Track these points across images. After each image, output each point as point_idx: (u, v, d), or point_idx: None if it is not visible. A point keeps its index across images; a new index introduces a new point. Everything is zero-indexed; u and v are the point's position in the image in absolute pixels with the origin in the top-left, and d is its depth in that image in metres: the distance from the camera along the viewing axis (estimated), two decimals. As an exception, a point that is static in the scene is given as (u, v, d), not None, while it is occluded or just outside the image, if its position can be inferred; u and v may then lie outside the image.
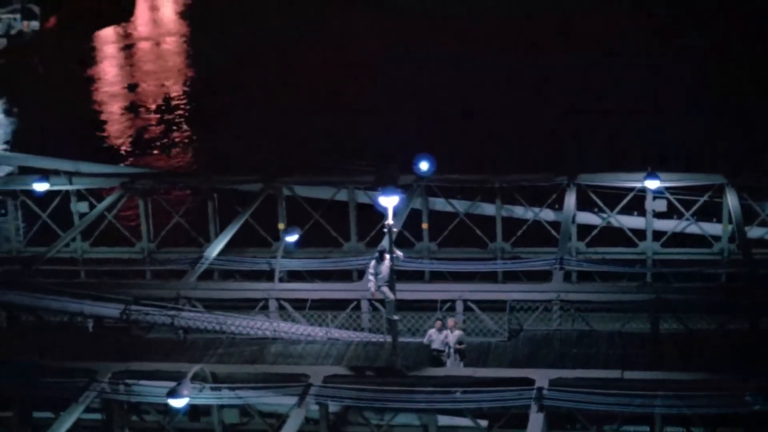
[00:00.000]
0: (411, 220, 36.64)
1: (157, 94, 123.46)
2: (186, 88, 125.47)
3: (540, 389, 24.40)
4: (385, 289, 27.00)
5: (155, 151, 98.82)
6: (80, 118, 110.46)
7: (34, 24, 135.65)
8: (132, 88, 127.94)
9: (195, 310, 30.30)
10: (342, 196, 37.27)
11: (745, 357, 26.47)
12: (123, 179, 37.88)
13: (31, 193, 37.72)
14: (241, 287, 31.58)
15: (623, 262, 34.05)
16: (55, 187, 37.45)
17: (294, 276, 33.27)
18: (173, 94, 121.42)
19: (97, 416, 27.15)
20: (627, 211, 35.50)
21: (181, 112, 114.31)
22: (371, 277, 27.43)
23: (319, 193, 37.63)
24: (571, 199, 34.42)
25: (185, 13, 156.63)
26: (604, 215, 35.64)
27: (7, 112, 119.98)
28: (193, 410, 27.29)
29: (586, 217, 36.02)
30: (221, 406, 26.49)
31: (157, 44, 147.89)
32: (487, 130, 72.06)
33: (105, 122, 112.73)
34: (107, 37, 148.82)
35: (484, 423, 25.83)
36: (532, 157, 54.97)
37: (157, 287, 31.92)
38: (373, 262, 27.50)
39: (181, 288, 31.03)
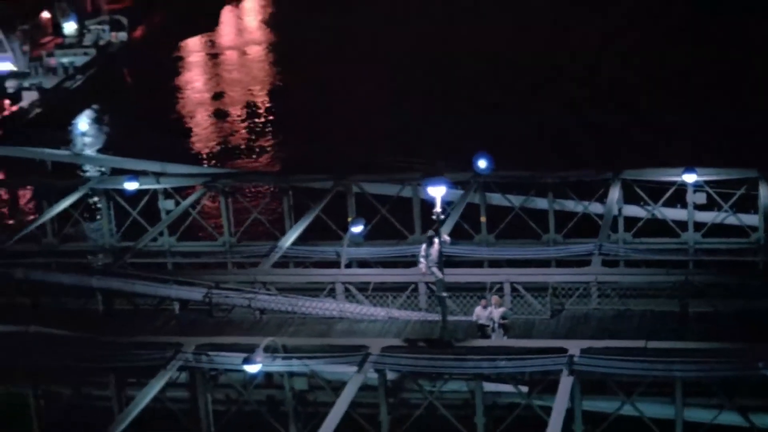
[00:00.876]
0: (470, 213, 40.71)
1: (242, 101, 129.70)
2: (270, 95, 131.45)
3: (571, 356, 28.25)
4: (435, 269, 31.13)
5: (240, 155, 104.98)
6: (169, 125, 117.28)
7: (122, 35, 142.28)
8: (218, 95, 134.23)
9: (270, 293, 34.76)
10: (407, 192, 41.49)
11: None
12: (205, 179, 42.59)
13: (122, 192, 42.59)
14: (311, 273, 36.01)
15: (665, 251, 37.66)
16: (144, 187, 42.32)
17: (359, 263, 37.54)
18: (258, 101, 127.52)
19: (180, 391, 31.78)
20: (669, 203, 39.06)
21: (265, 117, 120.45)
22: (422, 259, 31.65)
23: (385, 189, 41.86)
24: (614, 193, 38.21)
25: (269, 22, 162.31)
26: (649, 208, 39.30)
27: (99, 120, 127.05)
28: (267, 380, 31.75)
29: (633, 210, 39.71)
30: (291, 375, 30.74)
31: (243, 53, 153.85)
32: (538, 126, 77.01)
33: (192, 128, 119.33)
34: (193, 46, 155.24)
35: (524, 389, 29.71)
36: (582, 152, 58.99)
37: (236, 274, 36.48)
38: (423, 246, 31.71)
39: (258, 274, 35.57)
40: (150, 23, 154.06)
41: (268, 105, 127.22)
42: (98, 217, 43.32)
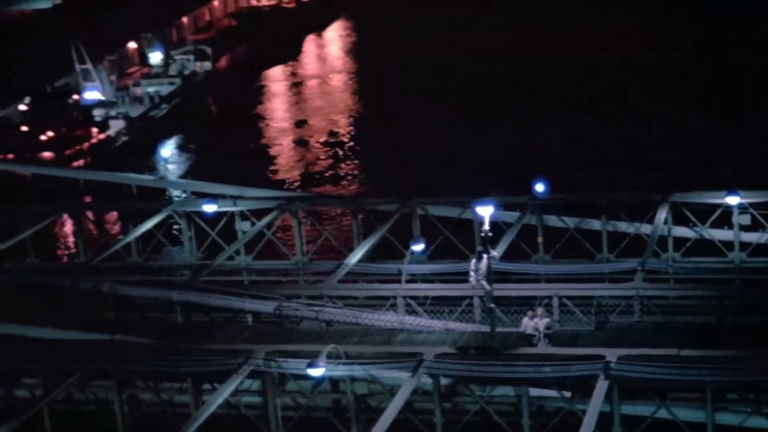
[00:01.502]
0: (528, 234, 43.87)
1: (324, 129, 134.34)
2: (351, 122, 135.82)
3: (608, 363, 31.24)
4: (483, 282, 34.37)
5: (322, 180, 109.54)
6: (252, 152, 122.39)
7: (207, 64, 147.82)
8: (300, 123, 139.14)
9: (336, 306, 38.28)
10: (468, 214, 44.79)
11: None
12: (279, 201, 46.36)
13: (202, 214, 46.50)
14: (374, 287, 39.48)
15: (710, 270, 40.41)
16: (222, 209, 46.24)
17: (419, 279, 40.93)
18: (339, 128, 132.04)
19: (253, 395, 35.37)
20: (716, 225, 41.82)
21: (346, 143, 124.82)
22: (472, 273, 34.92)
23: (448, 211, 45.21)
24: (661, 215, 41.08)
25: (351, 51, 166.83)
26: (697, 229, 42.08)
27: (184, 147, 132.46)
28: (332, 386, 35.17)
29: (682, 231, 42.52)
30: (352, 379, 34.12)
31: (325, 81, 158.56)
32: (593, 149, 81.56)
33: (275, 155, 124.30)
34: (276, 75, 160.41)
35: (567, 394, 32.72)
36: (635, 174, 62.30)
37: (304, 288, 40.10)
38: (473, 261, 34.99)
39: (325, 289, 39.14)
40: (234, 53, 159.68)
41: (349, 132, 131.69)
42: (180, 237, 47.18)
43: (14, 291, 41.89)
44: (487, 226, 32.96)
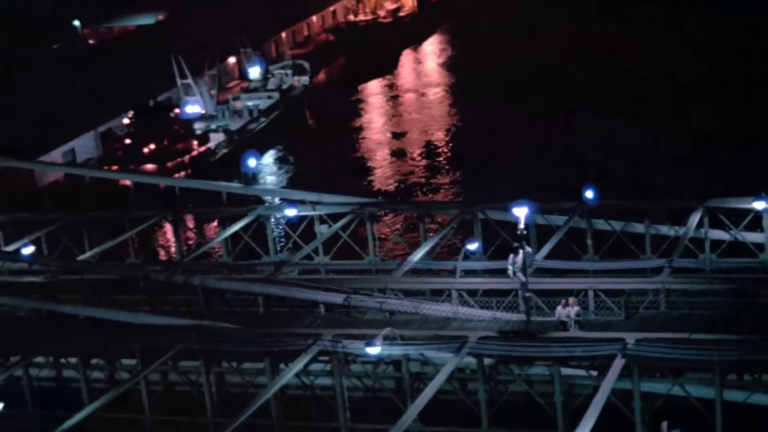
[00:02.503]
0: (578, 237, 49.80)
1: (420, 141, 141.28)
2: (448, 134, 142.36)
3: (625, 344, 37.08)
4: (519, 274, 40.49)
5: (418, 191, 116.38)
6: (349, 163, 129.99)
7: (305, 79, 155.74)
8: (397, 135, 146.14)
9: (398, 297, 44.75)
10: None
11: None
12: (354, 206, 53.04)
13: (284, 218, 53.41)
14: (432, 281, 45.88)
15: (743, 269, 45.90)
16: (302, 213, 53.08)
17: (472, 274, 47.19)
18: (436, 140, 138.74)
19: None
20: (750, 228, 47.25)
21: (443, 155, 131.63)
22: (509, 266, 41.12)
23: (505, 216, 51.32)
24: (694, 219, 46.76)
25: (448, 65, 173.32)
26: (732, 232, 47.61)
27: (282, 159, 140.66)
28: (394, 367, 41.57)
29: (719, 234, 48.07)
30: (407, 359, 40.47)
31: (421, 95, 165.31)
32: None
33: (372, 167, 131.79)
34: (373, 89, 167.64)
35: (594, 373, 38.59)
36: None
37: (370, 282, 46.66)
38: (511, 256, 41.19)
39: (388, 282, 45.68)
40: (332, 67, 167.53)
41: (445, 144, 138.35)
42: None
43: (118, 284, 49.32)
44: (522, 225, 39.10)
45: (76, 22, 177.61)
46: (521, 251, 40.30)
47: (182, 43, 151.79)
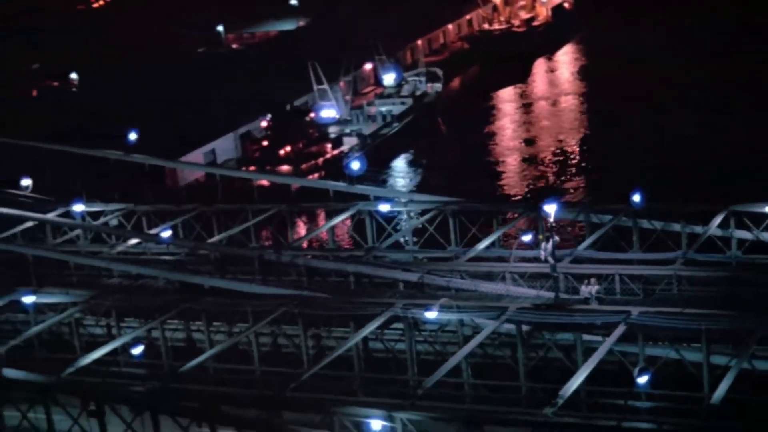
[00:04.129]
0: (625, 235, 62.19)
1: (552, 148, 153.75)
2: (580, 142, 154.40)
3: (629, 314, 49.30)
4: (549, 258, 53.15)
5: (546, 196, 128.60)
6: (480, 168, 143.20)
7: (437, 86, 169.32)
8: (528, 142, 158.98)
9: (462, 278, 57.84)
10: (581, 217, 63.45)
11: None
12: (438, 204, 66.28)
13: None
14: (491, 265, 58.92)
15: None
16: (395, 209, 66.52)
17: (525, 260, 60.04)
18: (567, 147, 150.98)
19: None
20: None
21: (574, 162, 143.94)
22: (542, 251, 53.89)
23: (563, 215, 63.94)
24: (716, 220, 58.74)
25: (581, 74, 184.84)
26: (754, 232, 59.42)
27: (414, 163, 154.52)
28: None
29: (745, 234, 59.85)
30: (461, 324, 53.46)
31: (554, 103, 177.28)
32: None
33: (503, 172, 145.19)
34: (506, 96, 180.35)
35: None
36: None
37: (442, 265, 59.86)
38: (543, 244, 53.92)
39: (455, 266, 58.84)
40: (466, 75, 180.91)
41: (577, 151, 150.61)
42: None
43: (238, 259, 63.76)
44: (552, 219, 51.84)
45: (220, 27, 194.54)
46: (551, 240, 52.98)
47: (320, 49, 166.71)
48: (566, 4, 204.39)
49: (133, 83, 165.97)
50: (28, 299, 58.35)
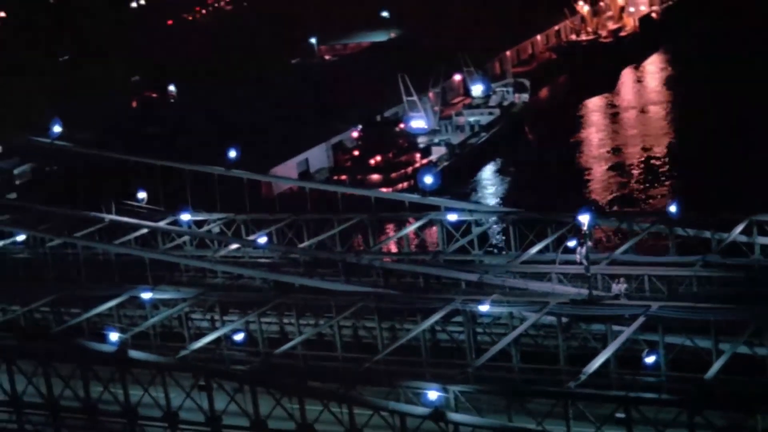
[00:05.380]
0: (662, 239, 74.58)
1: (638, 156, 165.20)
2: (667, 149, 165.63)
3: (649, 307, 61.66)
4: (584, 260, 65.77)
5: (632, 202, 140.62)
6: (567, 176, 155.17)
7: (525, 96, 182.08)
8: (615, 150, 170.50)
9: (515, 277, 70.72)
10: (624, 225, 76.02)
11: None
12: (499, 213, 79.19)
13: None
14: (539, 267, 71.77)
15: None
16: (462, 218, 79.61)
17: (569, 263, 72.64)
18: (654, 155, 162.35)
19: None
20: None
21: (660, 169, 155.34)
22: (577, 255, 66.58)
23: (611, 224, 76.41)
24: (737, 229, 70.86)
25: (668, 83, 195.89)
26: (774, 239, 71.64)
27: (501, 171, 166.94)
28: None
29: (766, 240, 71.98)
30: (511, 316, 66.29)
31: (642, 111, 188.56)
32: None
33: (589, 180, 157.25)
34: (594, 106, 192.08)
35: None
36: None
37: (497, 266, 72.80)
38: (578, 248, 66.58)
39: (508, 267, 71.80)
40: (554, 85, 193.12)
41: (663, 158, 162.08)
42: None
43: (325, 262, 77.55)
44: (585, 227, 64.45)
45: (313, 40, 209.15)
46: (585, 245, 65.62)
47: (411, 61, 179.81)
48: (654, 14, 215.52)
49: (229, 93, 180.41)
50: (146, 295, 72.27)
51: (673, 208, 73.70)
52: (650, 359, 57.16)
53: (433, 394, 56.78)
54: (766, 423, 53.20)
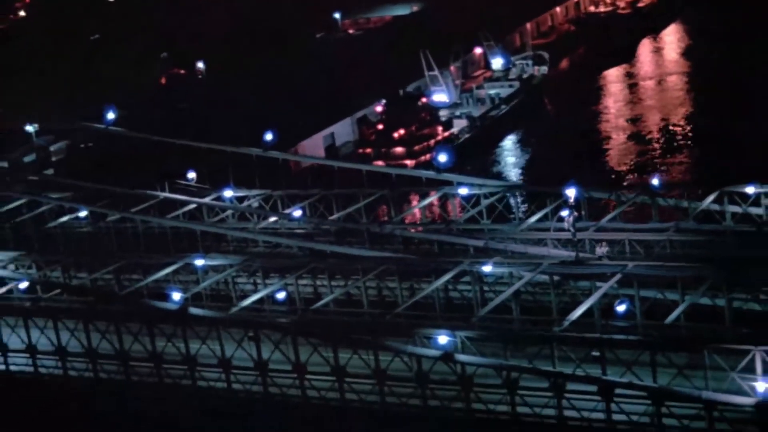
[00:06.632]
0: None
1: (656, 125, 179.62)
2: (685, 119, 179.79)
3: (625, 266, 78.02)
4: (571, 228, 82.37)
5: (651, 170, 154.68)
6: (584, 147, 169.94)
7: (544, 68, 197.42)
8: (633, 120, 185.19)
9: (515, 242, 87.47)
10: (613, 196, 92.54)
11: None
12: (503, 188, 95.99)
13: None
14: (535, 234, 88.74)
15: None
16: (472, 192, 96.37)
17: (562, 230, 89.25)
18: (672, 124, 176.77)
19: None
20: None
21: (678, 138, 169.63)
22: (566, 223, 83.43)
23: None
24: (709, 198, 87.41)
25: (687, 54, 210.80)
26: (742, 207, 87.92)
27: (522, 142, 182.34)
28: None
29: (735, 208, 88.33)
30: (511, 275, 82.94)
31: (659, 82, 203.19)
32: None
33: (608, 149, 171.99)
34: (612, 77, 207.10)
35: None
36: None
37: (499, 233, 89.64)
38: (565, 216, 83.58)
39: (511, 234, 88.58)
40: (573, 56, 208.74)
41: (682, 128, 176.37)
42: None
43: (352, 232, 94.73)
44: (571, 198, 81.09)
45: (337, 15, 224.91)
46: (572, 215, 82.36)
47: (433, 34, 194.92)
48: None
49: (257, 68, 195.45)
50: (199, 262, 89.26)
51: (655, 181, 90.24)
52: (621, 308, 73.56)
53: (443, 339, 72.99)
54: (713, 360, 68.99)
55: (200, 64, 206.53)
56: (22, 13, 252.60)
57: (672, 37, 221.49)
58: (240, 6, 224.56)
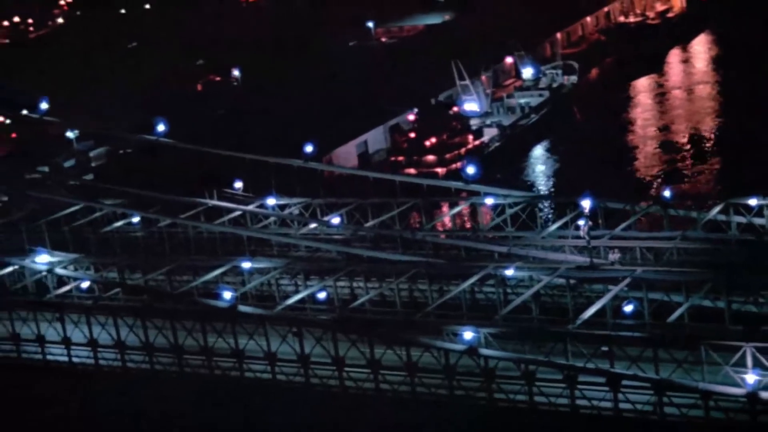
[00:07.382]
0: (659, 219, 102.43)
1: (686, 134, 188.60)
2: (714, 128, 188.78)
3: (635, 270, 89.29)
4: (586, 235, 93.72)
5: (681, 179, 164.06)
6: (613, 156, 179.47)
7: (573, 78, 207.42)
8: (663, 129, 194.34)
9: (536, 248, 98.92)
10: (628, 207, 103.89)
11: None
12: (527, 199, 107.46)
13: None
14: (555, 240, 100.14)
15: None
16: (497, 202, 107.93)
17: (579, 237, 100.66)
18: (701, 133, 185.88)
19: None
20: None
21: (707, 147, 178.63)
22: (582, 231, 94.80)
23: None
24: (715, 209, 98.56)
25: (716, 63, 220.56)
26: (747, 217, 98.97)
27: (551, 150, 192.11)
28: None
29: (739, 218, 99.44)
30: (531, 279, 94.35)
31: (689, 92, 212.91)
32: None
33: (638, 158, 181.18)
34: (641, 87, 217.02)
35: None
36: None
37: (520, 240, 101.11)
38: (581, 225, 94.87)
39: (532, 241, 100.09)
40: (602, 66, 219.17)
41: (709, 138, 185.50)
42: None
43: (386, 238, 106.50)
44: (587, 209, 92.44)
45: (370, 23, 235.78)
46: (587, 223, 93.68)
47: (464, 43, 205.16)
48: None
49: (290, 76, 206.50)
50: (246, 265, 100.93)
51: (667, 193, 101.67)
52: (628, 308, 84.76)
53: (468, 335, 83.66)
54: (709, 356, 79.67)
55: (236, 72, 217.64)
56: (60, 20, 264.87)
57: (701, 47, 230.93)
58: (274, 14, 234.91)
